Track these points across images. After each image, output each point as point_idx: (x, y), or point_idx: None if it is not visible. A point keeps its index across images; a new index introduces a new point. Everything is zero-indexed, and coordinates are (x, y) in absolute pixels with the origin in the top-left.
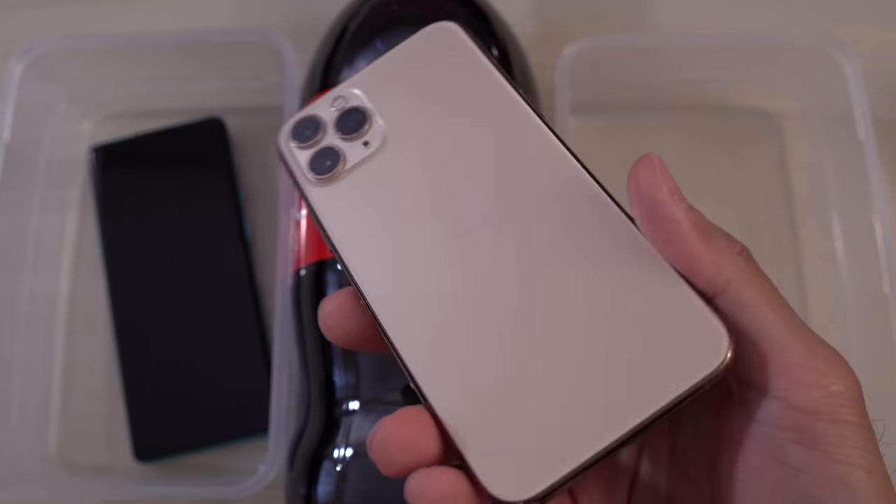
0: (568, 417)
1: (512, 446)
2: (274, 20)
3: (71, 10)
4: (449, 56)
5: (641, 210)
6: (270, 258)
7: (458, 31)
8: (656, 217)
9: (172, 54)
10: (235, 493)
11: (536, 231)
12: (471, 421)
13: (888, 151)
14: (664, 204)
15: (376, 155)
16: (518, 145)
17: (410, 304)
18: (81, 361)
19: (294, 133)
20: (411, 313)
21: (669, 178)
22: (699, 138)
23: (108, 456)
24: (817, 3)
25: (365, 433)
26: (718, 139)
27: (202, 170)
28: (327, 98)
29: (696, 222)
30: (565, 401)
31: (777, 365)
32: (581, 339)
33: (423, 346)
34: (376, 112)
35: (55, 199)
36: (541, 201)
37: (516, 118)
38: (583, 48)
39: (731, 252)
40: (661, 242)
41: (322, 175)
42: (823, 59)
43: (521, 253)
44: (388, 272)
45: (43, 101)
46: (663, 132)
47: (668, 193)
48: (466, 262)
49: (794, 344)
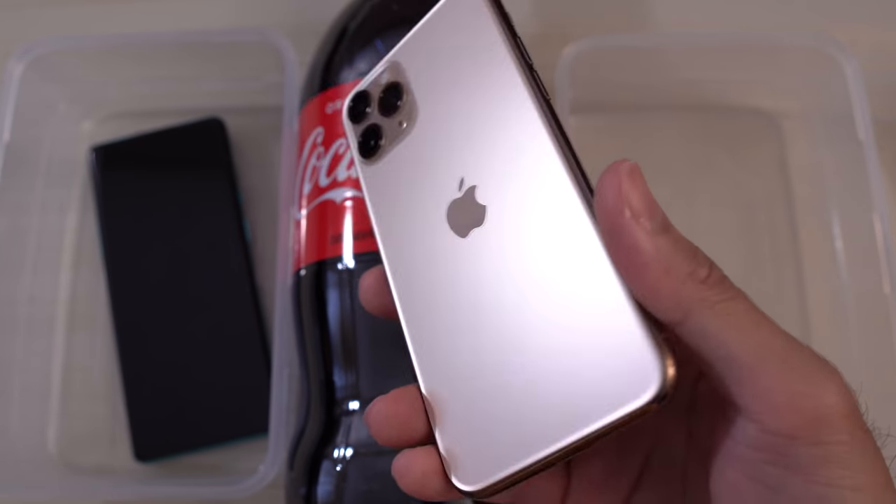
0: (522, 419)
1: (473, 436)
2: (274, 20)
3: (71, 10)
4: (469, 32)
5: (603, 229)
6: (270, 258)
7: (481, 2)
8: (617, 242)
9: (172, 54)
10: (235, 493)
11: (516, 230)
12: (445, 404)
13: (888, 152)
14: (624, 229)
15: (405, 135)
16: (512, 136)
17: (414, 287)
18: (81, 361)
19: (349, 111)
20: (414, 295)
21: (637, 194)
22: (699, 138)
23: (108, 456)
24: (817, 3)
25: (365, 433)
26: (718, 139)
27: (202, 170)
28: (376, 70)
29: (659, 249)
30: (520, 402)
31: (750, 388)
32: (534, 349)
33: (420, 327)
34: (412, 88)
35: (55, 199)
36: (522, 201)
37: (516, 109)
38: (583, 48)
39: (693, 280)
40: (620, 268)
41: (367, 155)
42: (823, 59)
43: (501, 250)
44: (401, 254)
45: (43, 101)
46: (663, 132)
47: (632, 217)
48: (459, 253)
49: (768, 367)
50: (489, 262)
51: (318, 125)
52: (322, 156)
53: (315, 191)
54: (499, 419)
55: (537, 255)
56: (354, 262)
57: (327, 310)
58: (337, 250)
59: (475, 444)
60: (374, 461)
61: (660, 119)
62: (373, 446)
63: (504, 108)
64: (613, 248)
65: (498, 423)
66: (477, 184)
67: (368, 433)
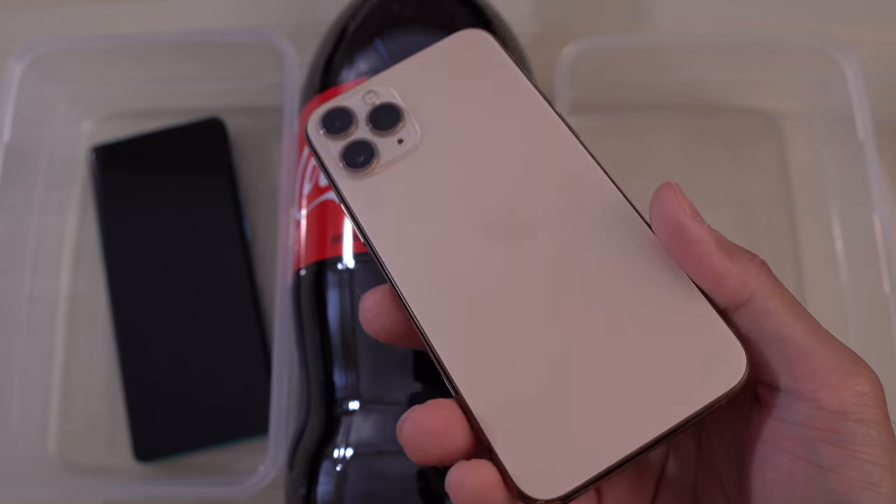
0: (595, 421)
1: (541, 445)
2: (274, 20)
3: (71, 10)
4: (481, 62)
5: (667, 232)
6: (270, 258)
7: (490, 39)
8: (682, 238)
9: (172, 54)
10: (235, 493)
11: (566, 240)
12: (502, 417)
13: (888, 152)
14: (688, 226)
15: (412, 153)
16: (551, 155)
17: (445, 301)
18: (81, 361)
19: (325, 122)
20: (445, 309)
21: (689, 202)
22: (699, 138)
23: (108, 456)
24: (817, 3)
25: (365, 433)
26: (718, 139)
27: (202, 170)
28: (358, 91)
29: (719, 241)
30: (592, 405)
31: (804, 368)
32: (610, 348)
33: (456, 341)
34: (410, 111)
35: (55, 199)
36: (571, 211)
37: (549, 129)
38: (583, 48)
39: (753, 266)
40: (688, 261)
41: (355, 168)
42: (823, 59)
43: (551, 261)
44: (423, 269)
45: (43, 101)
46: (663, 132)
47: (691, 216)
48: (501, 266)
49: (820, 348)
50: (543, 274)
51: None
52: None
53: (315, 191)
54: (571, 422)
55: (597, 262)
56: (354, 262)
57: (327, 310)
58: (337, 250)
59: (546, 452)
60: (374, 461)
61: (659, 119)
62: (373, 446)
63: (529, 125)
64: (679, 245)
65: (570, 426)
66: (520, 199)
67: (368, 433)
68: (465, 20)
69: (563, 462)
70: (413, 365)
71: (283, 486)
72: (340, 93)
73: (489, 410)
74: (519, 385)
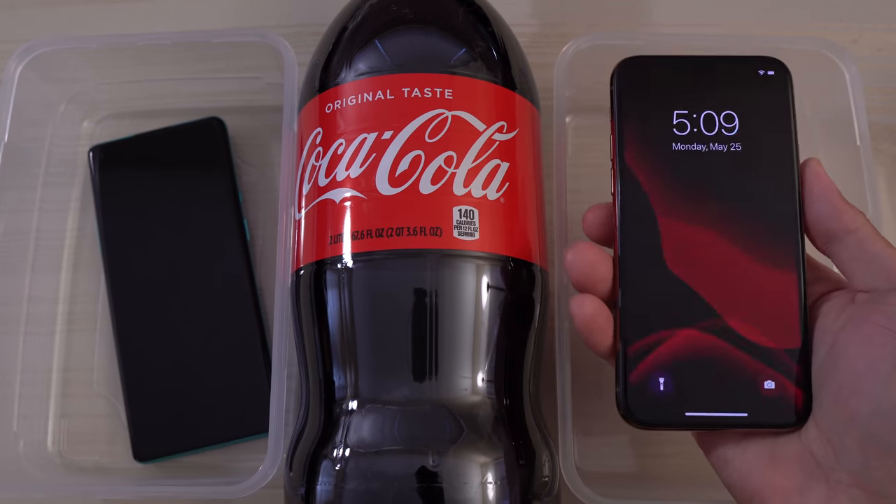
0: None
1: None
2: (274, 20)
3: (71, 10)
4: None
5: (810, 177)
6: (270, 258)
7: None
8: (819, 181)
9: (172, 54)
10: (235, 493)
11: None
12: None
13: (886, 154)
14: (821, 173)
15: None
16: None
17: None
18: (81, 361)
19: None
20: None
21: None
22: None
23: (108, 456)
24: (816, 3)
25: (364, 433)
26: None
27: (202, 170)
28: None
29: (840, 193)
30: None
31: (891, 276)
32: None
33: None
34: None
35: (55, 199)
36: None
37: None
38: (582, 47)
39: (860, 212)
40: (818, 199)
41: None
42: (822, 61)
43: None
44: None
45: (43, 101)
46: None
47: (827, 175)
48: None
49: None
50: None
51: (317, 125)
52: (321, 156)
53: (314, 191)
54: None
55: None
56: (353, 262)
57: (326, 310)
58: (336, 250)
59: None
60: (374, 461)
61: None
62: (372, 446)
63: None
64: (813, 186)
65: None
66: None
67: (367, 433)
68: (464, 20)
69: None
70: (412, 365)
71: (283, 485)
72: (339, 94)
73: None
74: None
